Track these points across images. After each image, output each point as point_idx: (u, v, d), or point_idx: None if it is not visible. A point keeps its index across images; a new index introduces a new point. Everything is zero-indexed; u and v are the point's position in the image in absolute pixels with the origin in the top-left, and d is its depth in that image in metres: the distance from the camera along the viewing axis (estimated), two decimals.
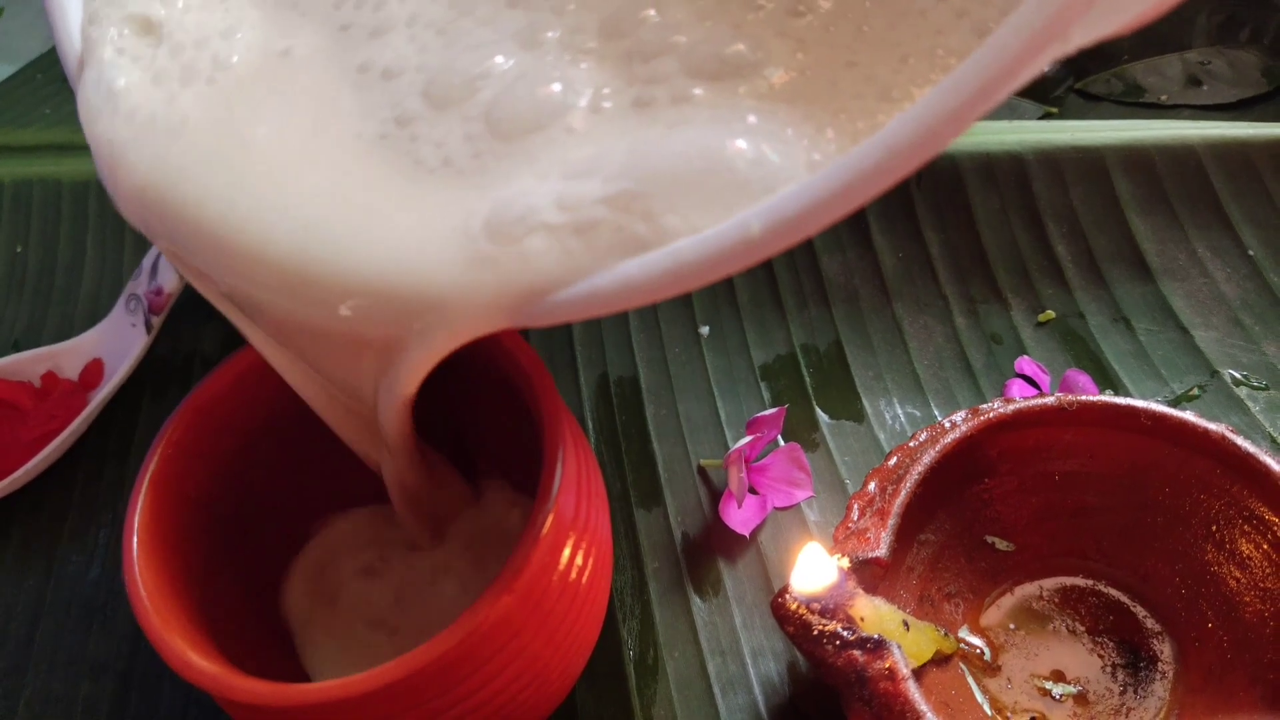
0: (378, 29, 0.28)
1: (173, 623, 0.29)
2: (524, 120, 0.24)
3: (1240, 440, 0.35)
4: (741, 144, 0.23)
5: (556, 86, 0.25)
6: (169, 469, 0.32)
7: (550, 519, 0.29)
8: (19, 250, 0.55)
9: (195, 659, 0.28)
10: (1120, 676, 0.36)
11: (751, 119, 0.23)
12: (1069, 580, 0.38)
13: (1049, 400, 0.37)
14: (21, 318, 0.53)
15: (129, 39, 0.28)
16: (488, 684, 0.28)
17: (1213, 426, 0.35)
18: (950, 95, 0.18)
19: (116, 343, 0.49)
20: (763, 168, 0.22)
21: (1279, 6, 0.58)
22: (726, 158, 0.23)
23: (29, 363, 0.48)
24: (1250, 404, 0.43)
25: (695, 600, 0.40)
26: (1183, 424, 0.36)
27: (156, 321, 0.49)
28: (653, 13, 0.26)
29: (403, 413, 0.29)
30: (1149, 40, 0.59)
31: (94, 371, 0.49)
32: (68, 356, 0.49)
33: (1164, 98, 0.57)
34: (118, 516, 0.45)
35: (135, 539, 0.30)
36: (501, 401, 0.35)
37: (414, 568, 0.37)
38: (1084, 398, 0.37)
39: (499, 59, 0.26)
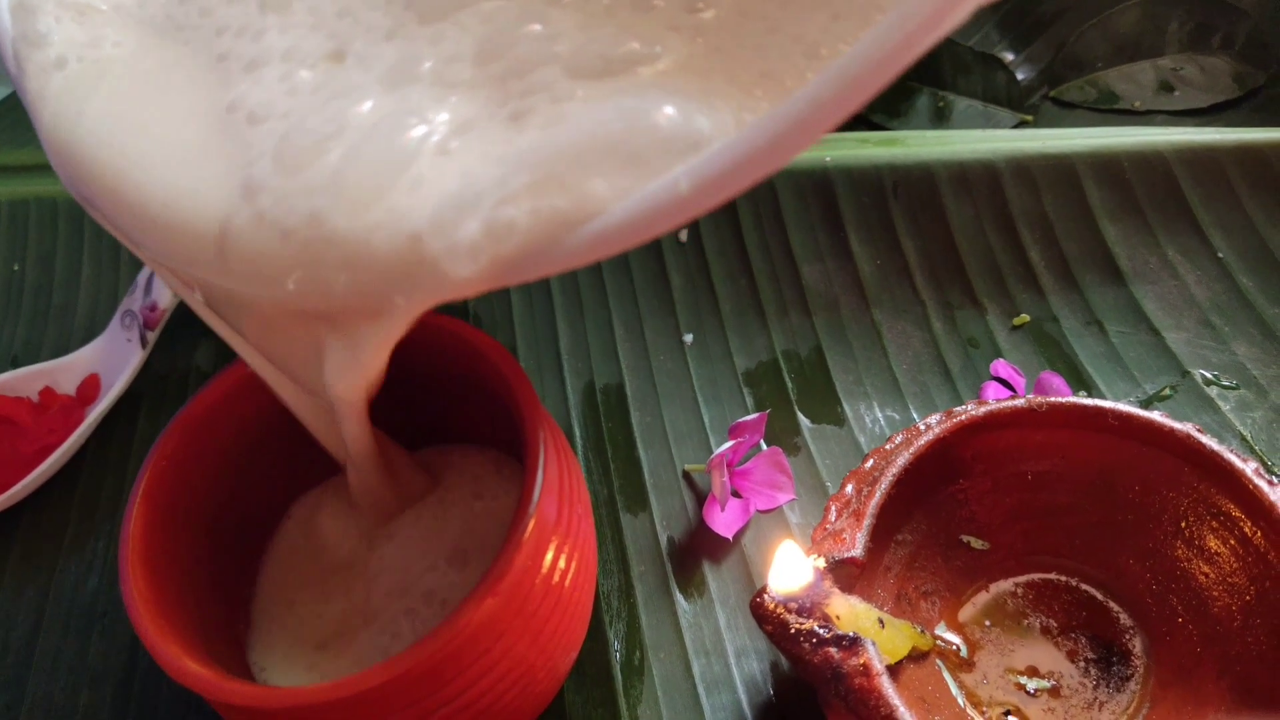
0: (253, 61, 0.27)
1: (168, 630, 0.30)
2: (371, 184, 0.24)
3: (1206, 439, 0.36)
4: (667, 109, 0.23)
5: (416, 131, 0.24)
6: (164, 481, 0.33)
7: (532, 524, 0.30)
8: (16, 268, 0.56)
9: (190, 664, 0.29)
10: (1094, 671, 0.37)
11: (664, 92, 0.23)
12: (1043, 577, 0.39)
13: (1020, 402, 0.38)
14: (19, 334, 0.54)
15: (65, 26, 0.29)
16: (474, 684, 0.29)
17: (1179, 426, 0.36)
18: (875, 45, 0.18)
19: (112, 358, 0.50)
20: (686, 126, 0.22)
21: (1249, 13, 0.59)
22: (648, 122, 0.22)
23: (27, 379, 0.49)
24: (1221, 403, 0.44)
25: (680, 602, 0.41)
26: (1150, 424, 0.37)
27: (151, 337, 0.50)
28: (537, 27, 0.25)
29: (359, 402, 0.29)
30: (1122, 47, 0.60)
31: (91, 386, 0.49)
32: (65, 372, 0.50)
33: (1137, 104, 0.58)
34: (116, 527, 0.45)
35: (131, 549, 0.31)
36: (481, 406, 0.36)
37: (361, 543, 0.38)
38: (1053, 399, 0.38)
39: (364, 105, 0.25)
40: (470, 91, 0.25)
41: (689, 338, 0.49)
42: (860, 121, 0.59)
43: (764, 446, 0.44)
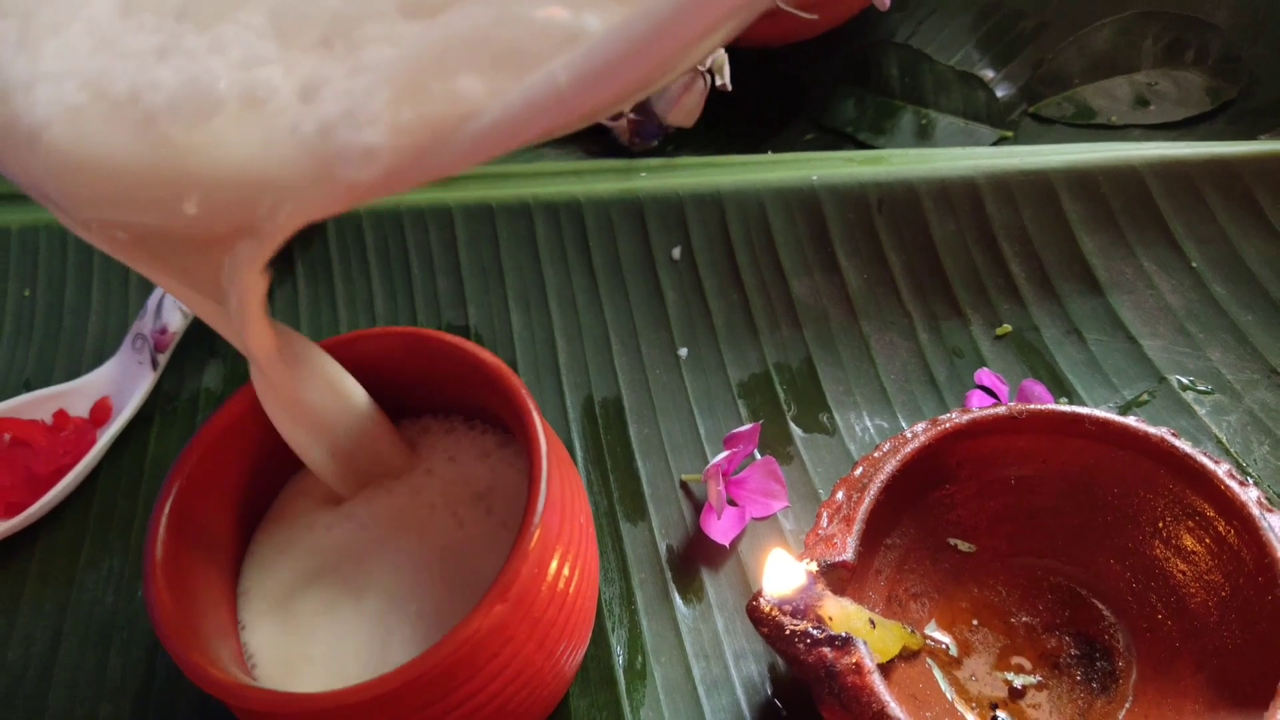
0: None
1: (191, 641, 0.31)
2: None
3: (1179, 442, 0.38)
4: (547, 6, 0.21)
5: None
6: (184, 499, 0.34)
7: (537, 534, 0.31)
8: (27, 294, 0.57)
9: (215, 672, 0.30)
10: (1078, 666, 0.38)
11: None
12: (1028, 577, 0.40)
13: (1001, 410, 0.39)
14: (31, 358, 0.55)
15: None
16: (485, 687, 0.31)
17: (1153, 430, 0.38)
18: None
19: (124, 380, 0.51)
20: (566, 17, 0.21)
21: (1221, 28, 0.61)
22: (522, 14, 0.21)
23: (40, 402, 0.50)
24: (1197, 407, 0.46)
25: (680, 608, 0.43)
26: (1126, 429, 0.38)
27: (162, 359, 0.51)
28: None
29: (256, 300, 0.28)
30: (1098, 63, 0.62)
31: (103, 409, 0.51)
32: (77, 395, 0.51)
33: (1114, 118, 0.60)
34: (130, 545, 0.47)
35: (156, 566, 0.32)
36: (484, 418, 0.38)
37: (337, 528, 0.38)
38: (1033, 406, 0.39)
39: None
40: (286, 76, 0.24)
41: (684, 352, 0.51)
42: (846, 139, 0.61)
43: (758, 456, 0.46)
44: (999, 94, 0.62)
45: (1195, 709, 0.36)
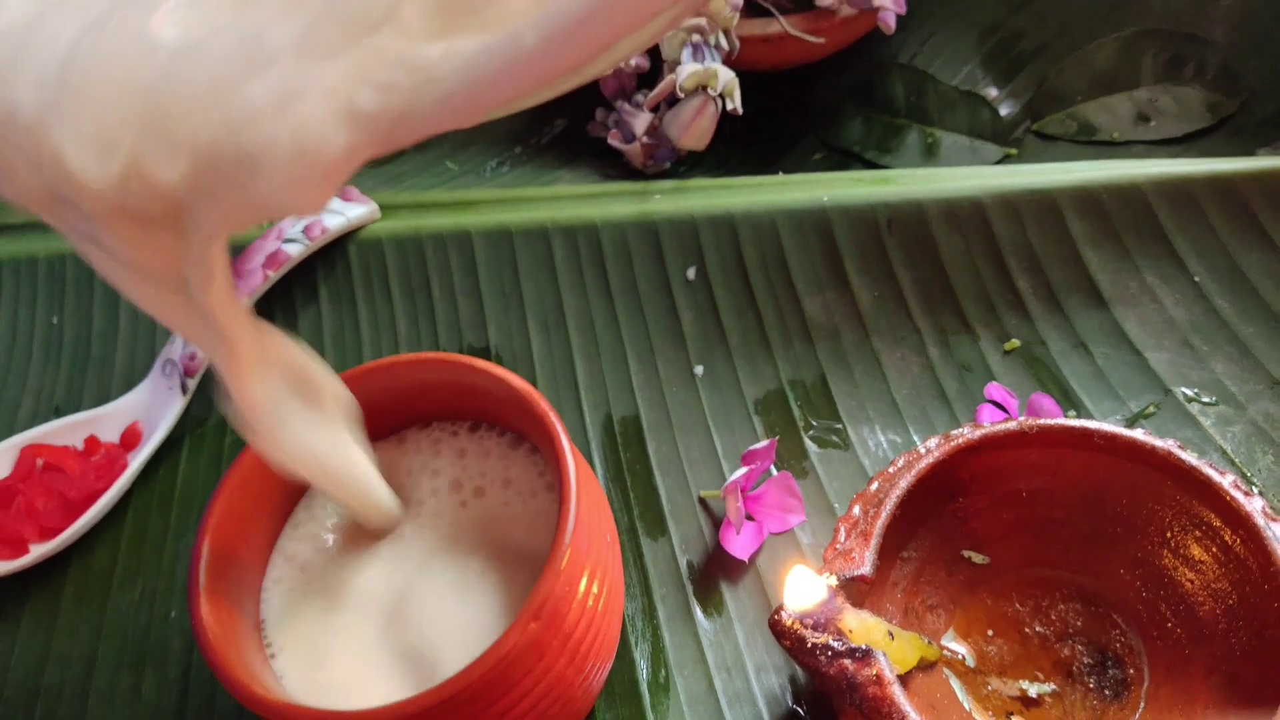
0: None
1: (235, 661, 0.32)
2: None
3: (1185, 455, 0.39)
4: None
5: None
6: (223, 523, 0.36)
7: (568, 554, 0.32)
8: (55, 321, 0.59)
9: (259, 691, 0.31)
10: (1091, 674, 0.39)
11: None
12: (1041, 588, 0.41)
13: (1012, 425, 0.40)
14: (60, 385, 0.56)
15: None
16: (519, 702, 0.32)
17: (1160, 443, 0.39)
18: None
19: (154, 406, 0.53)
20: None
21: (1219, 45, 0.63)
22: None
23: (71, 428, 0.52)
24: (1202, 419, 0.47)
25: (701, 622, 0.44)
26: (1133, 442, 0.39)
27: (191, 384, 0.52)
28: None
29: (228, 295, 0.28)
30: (1099, 81, 0.63)
31: (133, 434, 0.52)
32: (107, 420, 0.52)
33: (1115, 135, 0.61)
34: (163, 567, 0.48)
35: (200, 589, 0.34)
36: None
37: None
38: (1043, 421, 0.40)
39: None
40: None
41: (700, 370, 0.52)
42: (853, 159, 0.63)
43: (774, 472, 0.47)
44: (1002, 112, 0.63)
45: (1207, 713, 0.37)
